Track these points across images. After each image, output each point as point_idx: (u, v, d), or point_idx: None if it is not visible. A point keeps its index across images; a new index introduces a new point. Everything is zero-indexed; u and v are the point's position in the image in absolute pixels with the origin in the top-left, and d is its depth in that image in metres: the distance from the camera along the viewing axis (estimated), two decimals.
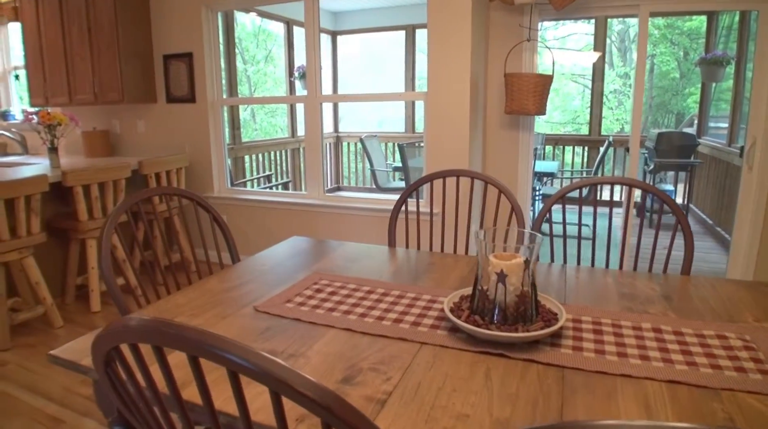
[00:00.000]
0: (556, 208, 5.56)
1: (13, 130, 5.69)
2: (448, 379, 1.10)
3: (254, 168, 6.17)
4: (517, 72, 3.47)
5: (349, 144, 7.74)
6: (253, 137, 10.25)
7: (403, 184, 5.68)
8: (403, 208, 2.22)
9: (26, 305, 3.52)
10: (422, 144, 6.47)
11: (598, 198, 6.10)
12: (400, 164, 5.48)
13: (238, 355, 0.61)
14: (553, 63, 3.50)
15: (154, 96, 4.51)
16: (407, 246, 2.20)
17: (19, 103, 6.07)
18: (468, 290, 1.47)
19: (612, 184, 5.99)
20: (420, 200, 3.76)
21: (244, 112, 10.13)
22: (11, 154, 5.57)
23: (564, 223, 1.97)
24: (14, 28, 5.77)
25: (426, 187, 3.66)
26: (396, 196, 4.62)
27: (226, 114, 4.44)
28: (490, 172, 3.75)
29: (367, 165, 7.32)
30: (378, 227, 3.84)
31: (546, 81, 3.34)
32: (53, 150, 3.92)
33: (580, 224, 2.00)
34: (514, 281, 1.29)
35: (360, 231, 3.90)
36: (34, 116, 3.86)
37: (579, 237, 1.98)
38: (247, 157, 5.96)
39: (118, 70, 4.22)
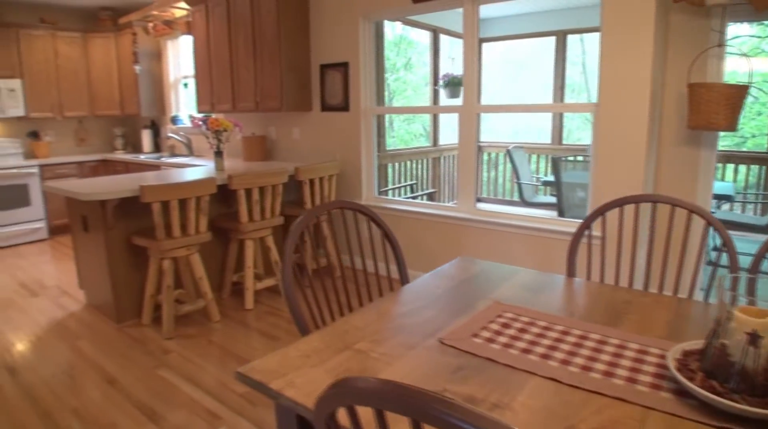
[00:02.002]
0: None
1: (181, 133, 6.22)
2: None
3: (395, 176, 6.18)
4: (706, 82, 3.08)
5: (490, 154, 7.51)
6: (390, 145, 10.34)
7: (552, 199, 5.35)
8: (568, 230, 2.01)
9: (188, 297, 3.76)
10: (571, 157, 6.10)
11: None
12: (547, 177, 5.18)
13: None
14: (751, 72, 3.06)
15: (309, 104, 4.66)
16: (588, 277, 1.98)
17: (186, 109, 6.61)
18: (691, 344, 1.24)
19: None
20: (584, 223, 3.48)
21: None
22: (179, 155, 6.09)
23: None
24: (184, 41, 6.30)
25: (592, 208, 3.37)
26: (545, 213, 4.31)
27: (375, 123, 4.46)
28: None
29: (503, 175, 7.06)
30: (532, 247, 3.59)
31: (741, 92, 2.92)
32: (219, 154, 4.17)
33: None
34: (765, 343, 1.06)
35: (511, 250, 3.68)
36: (202, 122, 4.13)
37: None
38: (389, 166, 5.98)
39: (279, 80, 4.41)
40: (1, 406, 2.68)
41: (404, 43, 11.42)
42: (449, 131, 7.08)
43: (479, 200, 7.39)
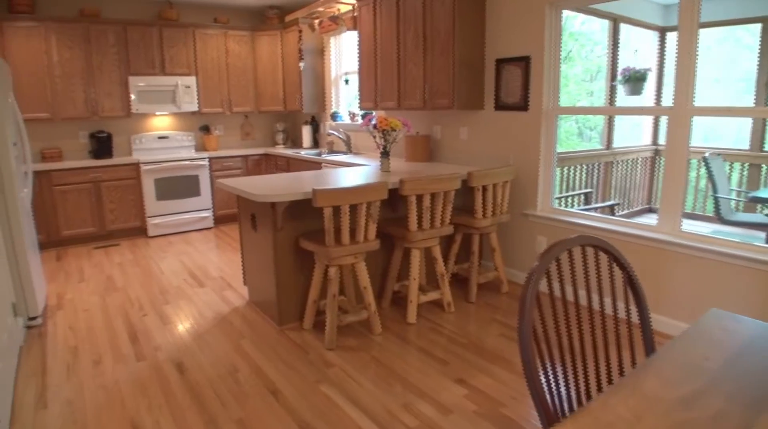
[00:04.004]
0: None
1: (341, 130, 6.19)
2: None
3: (561, 183, 5.60)
4: None
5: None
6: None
7: (761, 218, 4.50)
8: None
9: (349, 305, 3.61)
10: None
11: None
12: (756, 192, 4.34)
13: None
14: None
15: (481, 103, 4.29)
16: None
17: (346, 106, 6.58)
18: None
19: None
20: None
21: None
22: (337, 152, 6.06)
23: None
24: (347, 37, 6.25)
25: None
26: (748, 234, 3.46)
27: (557, 125, 3.94)
28: None
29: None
30: (753, 285, 2.89)
31: None
32: (385, 154, 3.97)
33: None
34: None
35: (724, 286, 2.97)
36: (371, 121, 3.94)
37: None
38: (558, 170, 5.42)
39: (450, 77, 4.10)
40: (169, 404, 2.69)
41: (565, 35, 10.64)
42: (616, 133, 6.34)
43: (652, 211, 6.58)
